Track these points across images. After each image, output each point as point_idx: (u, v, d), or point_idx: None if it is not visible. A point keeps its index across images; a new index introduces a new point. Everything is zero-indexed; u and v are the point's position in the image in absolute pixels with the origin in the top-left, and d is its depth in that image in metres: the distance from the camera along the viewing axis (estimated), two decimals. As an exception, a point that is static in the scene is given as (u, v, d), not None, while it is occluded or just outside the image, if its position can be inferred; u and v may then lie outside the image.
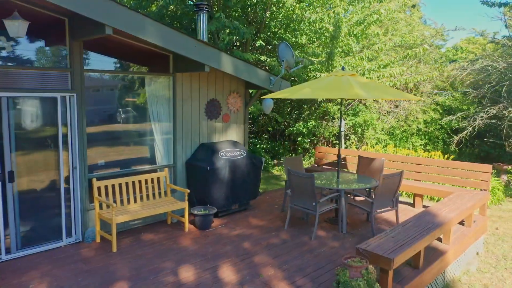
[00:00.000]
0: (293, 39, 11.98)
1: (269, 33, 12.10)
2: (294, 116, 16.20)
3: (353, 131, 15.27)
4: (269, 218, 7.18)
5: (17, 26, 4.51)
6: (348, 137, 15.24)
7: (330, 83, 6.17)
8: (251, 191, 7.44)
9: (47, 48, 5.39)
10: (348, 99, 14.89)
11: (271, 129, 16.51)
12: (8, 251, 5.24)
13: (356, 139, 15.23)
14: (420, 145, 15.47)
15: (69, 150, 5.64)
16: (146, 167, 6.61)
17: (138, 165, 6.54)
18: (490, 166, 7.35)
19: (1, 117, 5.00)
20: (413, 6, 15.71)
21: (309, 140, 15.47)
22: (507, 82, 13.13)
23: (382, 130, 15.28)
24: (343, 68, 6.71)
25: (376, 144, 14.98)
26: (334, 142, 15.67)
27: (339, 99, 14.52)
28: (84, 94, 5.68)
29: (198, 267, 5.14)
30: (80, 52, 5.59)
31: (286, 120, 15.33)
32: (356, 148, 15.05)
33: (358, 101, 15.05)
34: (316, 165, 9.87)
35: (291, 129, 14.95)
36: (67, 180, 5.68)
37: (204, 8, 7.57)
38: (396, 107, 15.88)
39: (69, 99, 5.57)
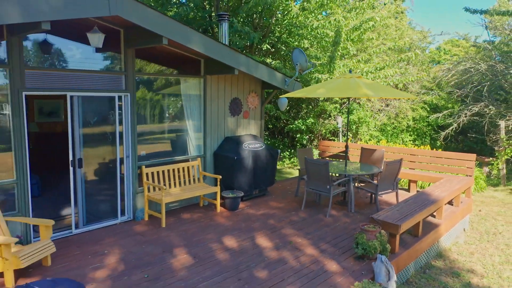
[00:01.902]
0: (295, 43, 13.07)
1: (273, 38, 13.17)
2: (292, 114, 17.31)
3: (348, 128, 16.43)
4: (286, 201, 8.26)
5: (97, 38, 5.49)
6: (344, 133, 16.40)
7: (340, 84, 7.26)
8: (269, 179, 8.50)
9: (107, 54, 6.37)
10: (343, 98, 16.06)
11: (271, 126, 17.57)
12: (76, 226, 6.21)
13: (351, 135, 16.42)
14: (409, 140, 16.76)
15: (123, 141, 6.63)
16: (181, 157, 7.62)
17: (175, 156, 7.55)
18: (474, 155, 8.57)
19: (73, 113, 5.97)
20: (401, 12, 16.95)
21: (307, 137, 16.61)
22: (488, 83, 14.47)
23: (375, 127, 16.52)
24: (350, 71, 7.82)
25: (369, 140, 16.20)
26: (331, 138, 16.85)
27: (337, 98, 15.72)
28: (135, 93, 6.68)
29: (237, 237, 6.19)
30: (132, 58, 6.59)
31: (285, 118, 16.40)
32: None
33: (352, 100, 16.23)
34: (320, 158, 10.99)
35: (291, 126, 16.05)
36: (121, 167, 6.67)
37: (226, 18, 8.59)
38: (387, 105, 17.14)
39: (124, 98, 6.56)
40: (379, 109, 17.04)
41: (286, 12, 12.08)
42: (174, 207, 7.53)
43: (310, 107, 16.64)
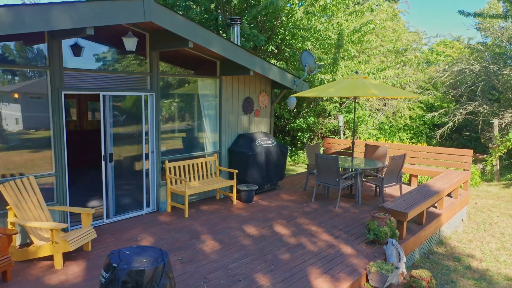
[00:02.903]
0: (298, 44, 13.60)
1: (277, 40, 13.68)
2: (293, 114, 17.84)
3: (347, 127, 17.01)
4: (297, 195, 8.78)
5: (132, 42, 5.96)
6: (344, 132, 16.97)
7: (349, 84, 7.79)
8: (280, 173, 9.01)
9: (134, 56, 6.84)
10: (342, 98, 16.63)
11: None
12: (107, 216, 6.67)
13: (350, 133, 16.99)
14: (406, 138, 17.37)
15: (149, 138, 7.10)
16: (199, 153, 8.10)
17: (193, 152, 8.02)
18: (471, 151, 9.16)
19: (105, 111, 6.43)
20: (396, 14, 17.52)
21: (308, 135, 17.16)
22: (482, 83, 15.12)
23: (373, 125, 17.10)
24: (356, 72, 8.35)
25: (368, 138, 16.79)
26: (330, 136, 17.41)
27: (336, 98, 16.28)
28: (159, 93, 7.15)
29: (256, 226, 6.69)
30: (157, 59, 7.06)
31: (288, 117, 16.93)
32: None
33: (352, 99, 16.80)
34: (324, 154, 11.51)
35: (292, 124, 16.58)
36: (146, 162, 7.14)
37: (238, 21, 9.08)
38: (385, 105, 17.74)
39: (149, 97, 7.03)
40: (377, 108, 17.63)
41: (290, 15, 12.59)
42: (193, 200, 8.01)
43: (311, 106, 17.17)
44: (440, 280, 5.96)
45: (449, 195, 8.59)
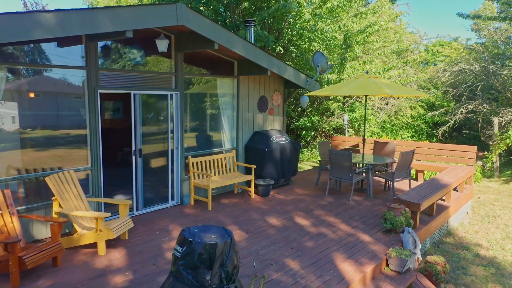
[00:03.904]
0: (305, 45, 14.00)
1: (284, 40, 14.08)
2: (297, 113, 18.26)
3: (350, 125, 17.46)
4: (310, 189, 9.19)
5: (164, 44, 6.33)
6: (347, 130, 17.41)
7: (361, 84, 8.20)
8: (293, 169, 9.42)
9: (160, 57, 7.21)
10: (346, 97, 17.06)
11: (277, 124, 18.46)
12: (136, 208, 7.04)
13: (353, 132, 17.44)
14: (408, 137, 17.85)
15: (174, 134, 7.48)
16: (218, 149, 8.49)
17: (212, 148, 8.41)
18: (475, 147, 9.61)
19: (135, 108, 6.80)
20: (397, 16, 17.98)
21: (312, 133, 17.59)
22: (481, 83, 15.62)
23: (375, 124, 17.56)
24: (367, 72, 8.77)
25: (370, 136, 17.24)
26: (334, 135, 17.84)
27: (340, 97, 16.71)
28: (183, 92, 7.53)
29: (277, 217, 7.09)
30: (181, 60, 7.43)
31: (295, 115, 17.34)
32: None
33: (354, 98, 17.25)
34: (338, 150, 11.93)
35: (297, 123, 17.00)
36: (172, 157, 7.51)
37: (252, 23, 9.47)
38: (387, 104, 18.21)
39: (174, 96, 7.41)
40: (379, 107, 18.09)
41: (298, 17, 12.99)
42: (214, 194, 8.39)
43: (315, 105, 17.59)
44: (452, 266, 6.39)
45: (455, 189, 9.03)
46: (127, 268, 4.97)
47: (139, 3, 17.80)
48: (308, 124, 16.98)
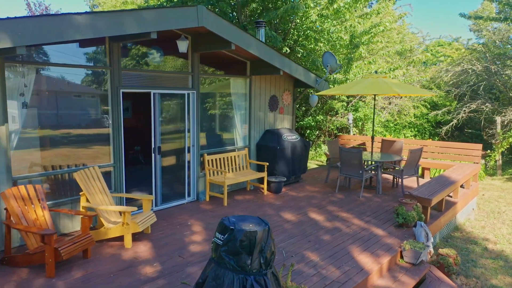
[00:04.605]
0: (310, 46, 14.23)
1: (289, 41, 14.31)
2: (301, 112, 18.49)
3: (354, 124, 17.70)
4: (320, 186, 9.42)
5: (184, 44, 6.55)
6: (349, 130, 17.65)
7: (371, 83, 8.43)
8: (303, 167, 9.64)
9: (177, 58, 7.42)
10: (349, 97, 17.31)
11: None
12: (155, 204, 7.25)
13: (357, 131, 17.68)
14: (411, 136, 18.09)
15: (191, 132, 7.70)
16: (231, 147, 8.71)
17: (226, 146, 8.63)
18: (481, 145, 9.86)
19: (154, 107, 7.02)
20: (401, 17, 18.26)
21: (316, 132, 17.83)
22: (484, 82, 15.88)
23: (379, 123, 17.80)
24: (376, 72, 9.00)
25: (374, 135, 17.48)
26: (338, 134, 18.09)
27: (344, 97, 16.96)
28: (199, 91, 7.75)
29: (292, 212, 7.31)
30: (198, 60, 7.65)
31: (298, 115, 17.56)
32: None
33: (358, 98, 17.49)
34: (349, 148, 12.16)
35: (301, 122, 17.22)
36: (188, 154, 7.73)
37: (263, 25, 9.69)
38: (390, 103, 18.45)
39: (191, 95, 7.63)
40: (382, 107, 18.34)
41: (304, 18, 13.22)
42: (228, 190, 8.61)
43: (319, 104, 17.83)
44: (462, 259, 6.62)
45: (462, 186, 9.26)
46: (154, 259, 5.19)
47: (146, 4, 18.00)
48: (313, 123, 17.23)
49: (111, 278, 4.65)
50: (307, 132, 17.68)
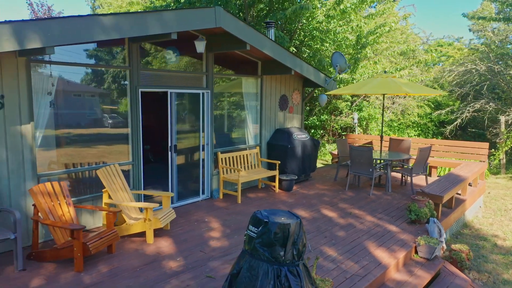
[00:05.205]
0: (316, 46, 14.38)
1: (297, 41, 14.46)
2: (306, 112, 18.64)
3: (358, 124, 17.85)
4: (329, 184, 9.56)
5: (202, 45, 6.69)
6: (354, 129, 17.80)
7: (381, 83, 8.57)
8: (312, 165, 9.78)
9: (192, 58, 7.56)
10: (354, 96, 17.46)
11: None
12: (171, 201, 7.38)
13: (361, 130, 17.84)
14: (414, 135, 18.26)
15: (205, 131, 7.83)
16: (243, 145, 8.85)
17: (238, 144, 8.76)
18: (487, 143, 10.01)
19: (171, 106, 7.15)
20: (406, 18, 18.45)
21: (321, 132, 17.98)
22: (487, 82, 16.04)
23: (383, 122, 17.96)
24: (385, 72, 9.14)
25: (378, 134, 17.63)
26: (342, 133, 18.26)
27: (348, 96, 17.10)
28: (213, 91, 7.88)
29: (305, 209, 7.45)
30: (212, 60, 7.79)
31: (305, 114, 17.71)
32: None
33: (362, 98, 17.64)
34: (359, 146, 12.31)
35: (306, 122, 17.37)
36: (202, 153, 7.86)
37: (272, 25, 9.83)
38: (393, 103, 18.62)
39: (205, 94, 7.76)
40: (386, 106, 18.50)
41: (311, 18, 13.36)
42: (241, 188, 8.73)
43: (318, 104, 17.98)
44: (473, 255, 6.76)
45: (469, 184, 9.41)
46: (177, 254, 5.32)
47: (152, 5, 18.13)
48: (317, 123, 17.38)
49: (137, 272, 4.78)
50: (312, 131, 17.83)
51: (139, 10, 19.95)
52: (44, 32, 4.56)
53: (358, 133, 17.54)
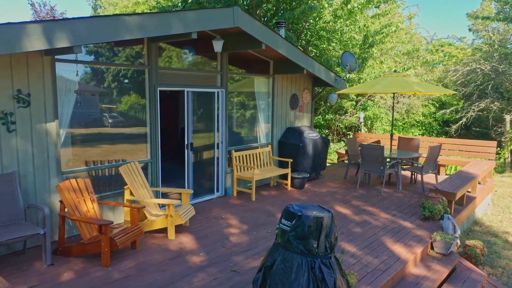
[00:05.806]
0: (323, 45, 14.50)
1: (303, 41, 14.57)
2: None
3: (363, 123, 17.97)
4: (340, 182, 9.67)
5: (219, 44, 6.79)
6: (359, 128, 17.92)
7: (392, 82, 8.68)
8: (323, 163, 9.89)
9: (207, 57, 7.66)
10: (358, 96, 17.58)
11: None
12: (187, 199, 7.49)
13: (366, 130, 17.96)
14: (419, 134, 18.38)
15: (219, 130, 7.93)
16: (256, 144, 8.95)
17: (251, 143, 8.87)
18: (495, 142, 10.13)
19: (188, 105, 7.25)
20: (411, 18, 18.61)
21: (326, 131, 18.09)
22: (492, 82, 16.17)
23: (387, 122, 18.09)
24: (395, 71, 9.25)
25: (383, 134, 17.75)
26: (347, 133, 18.38)
27: (353, 96, 17.21)
28: (227, 89, 7.99)
29: (319, 207, 7.55)
30: (226, 60, 7.89)
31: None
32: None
33: (367, 97, 17.76)
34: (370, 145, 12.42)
35: (312, 121, 17.47)
36: (217, 151, 7.97)
37: (283, 25, 9.93)
38: (397, 102, 18.74)
39: (220, 93, 7.86)
40: (390, 106, 18.62)
41: (318, 18, 13.48)
42: (251, 186, 8.84)
43: (328, 104, 18.09)
44: (487, 251, 6.87)
45: (478, 182, 9.53)
46: (199, 250, 5.43)
47: (157, 5, 18.23)
48: (323, 122, 17.49)
49: (163, 267, 4.88)
50: (317, 131, 17.93)
51: (156, 11, 20.02)
52: (72, 31, 4.66)
53: (364, 132, 17.65)
